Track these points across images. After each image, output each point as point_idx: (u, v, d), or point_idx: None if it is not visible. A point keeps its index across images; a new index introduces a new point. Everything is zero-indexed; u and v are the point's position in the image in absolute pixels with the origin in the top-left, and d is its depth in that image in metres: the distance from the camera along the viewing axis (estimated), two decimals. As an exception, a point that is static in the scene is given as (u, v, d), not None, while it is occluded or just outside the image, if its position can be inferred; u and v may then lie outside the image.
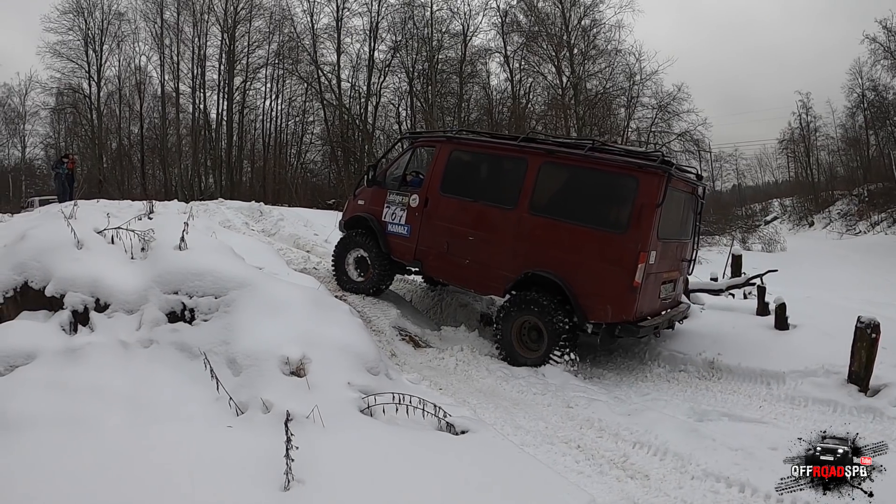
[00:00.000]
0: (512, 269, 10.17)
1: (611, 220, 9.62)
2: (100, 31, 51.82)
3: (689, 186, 10.75)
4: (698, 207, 11.18)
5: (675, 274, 10.68)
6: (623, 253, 9.23)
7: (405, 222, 11.54)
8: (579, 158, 9.88)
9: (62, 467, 5.16)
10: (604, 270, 9.42)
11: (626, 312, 9.28)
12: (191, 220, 8.66)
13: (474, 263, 10.66)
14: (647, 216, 9.14)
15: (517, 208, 10.19)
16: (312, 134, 54.40)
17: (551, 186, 10.32)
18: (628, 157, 9.73)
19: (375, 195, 12.13)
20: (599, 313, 9.47)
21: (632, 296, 9.18)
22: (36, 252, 7.83)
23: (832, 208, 58.54)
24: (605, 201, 9.82)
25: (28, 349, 6.78)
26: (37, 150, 56.72)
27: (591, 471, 6.37)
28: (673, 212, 9.99)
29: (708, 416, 7.79)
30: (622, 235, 9.29)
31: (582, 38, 46.25)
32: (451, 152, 11.28)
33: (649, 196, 9.16)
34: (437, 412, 6.46)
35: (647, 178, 9.24)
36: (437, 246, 11.12)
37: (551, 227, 9.91)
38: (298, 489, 4.90)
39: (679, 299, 11.21)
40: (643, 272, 9.14)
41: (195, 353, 6.86)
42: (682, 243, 10.84)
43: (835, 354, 8.91)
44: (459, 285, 11.77)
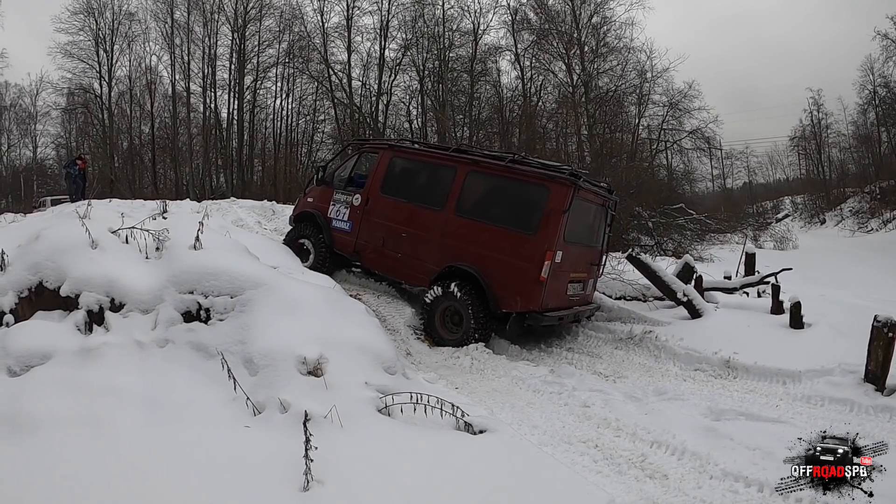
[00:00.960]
0: (437, 262, 11.32)
1: (524, 222, 10.74)
2: (110, 32, 51.89)
3: (599, 199, 12.03)
4: (608, 218, 12.55)
5: (584, 276, 11.88)
6: (532, 251, 10.44)
7: (348, 219, 12.73)
8: (501, 168, 11.14)
9: (78, 468, 5.16)
10: (515, 266, 10.55)
11: (534, 303, 10.45)
12: (205, 220, 8.65)
13: (406, 257, 11.82)
14: (555, 220, 10.39)
15: (444, 209, 11.43)
16: (323, 133, 54.37)
17: (475, 192, 11.52)
18: (542, 170, 10.94)
19: (323, 193, 13.31)
20: (510, 303, 10.64)
21: (538, 289, 10.38)
22: (50, 252, 7.83)
23: (844, 206, 58.26)
24: (520, 206, 10.94)
25: (43, 349, 6.78)
26: (48, 150, 56.93)
27: (610, 470, 6.33)
28: (581, 219, 11.32)
29: (725, 415, 7.73)
30: (532, 236, 10.51)
31: (592, 36, 46.23)
32: (391, 158, 12.58)
33: (557, 203, 10.41)
34: (455, 412, 6.44)
35: (556, 187, 10.51)
36: (375, 241, 12.29)
37: (473, 227, 11.10)
38: (318, 490, 4.88)
39: (589, 299, 12.39)
40: (549, 269, 10.32)
41: (211, 353, 6.86)
42: (592, 249, 12.08)
43: (850, 353, 8.88)
44: (392, 276, 12.52)
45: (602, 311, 12.65)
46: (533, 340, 11.38)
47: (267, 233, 17.81)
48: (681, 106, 44.55)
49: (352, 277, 13.29)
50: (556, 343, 11.32)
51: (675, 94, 44.81)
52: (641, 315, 12.30)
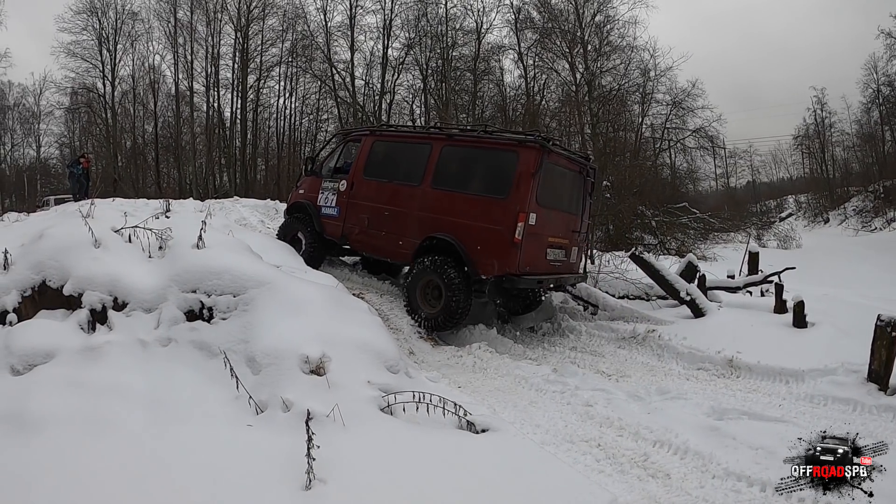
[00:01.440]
0: (418, 235, 11.56)
1: (496, 188, 11.00)
2: (114, 31, 51.95)
3: (575, 165, 12.17)
4: (587, 186, 12.55)
5: (565, 242, 11.93)
6: (505, 214, 10.65)
7: (335, 205, 13.06)
8: (473, 140, 11.63)
9: (82, 467, 5.18)
10: (490, 231, 10.75)
11: (510, 266, 10.59)
12: (208, 219, 8.66)
13: (389, 234, 12.08)
14: (525, 183, 10.60)
15: (422, 184, 11.74)
16: (326, 132, 54.04)
17: (450, 164, 11.71)
18: (511, 136, 11.49)
19: (312, 184, 13.70)
20: (488, 268, 10.74)
21: (514, 251, 10.55)
22: (54, 251, 7.85)
23: (848, 205, 58.14)
24: (492, 173, 11.22)
25: (47, 348, 6.80)
26: (52, 150, 57.04)
27: (612, 470, 6.30)
28: (556, 184, 11.50)
29: (728, 414, 7.69)
30: (505, 200, 10.74)
31: (596, 35, 46.17)
32: (373, 143, 12.92)
33: (527, 166, 10.64)
34: (458, 411, 6.43)
35: (525, 151, 10.78)
36: (360, 223, 12.57)
37: (449, 197, 11.40)
38: (320, 488, 4.89)
39: (575, 269, 12.53)
40: (523, 230, 10.50)
41: (214, 352, 6.87)
42: (570, 215, 12.12)
43: (854, 353, 8.82)
44: (378, 255, 12.84)
45: (605, 310, 12.63)
46: (536, 340, 11.40)
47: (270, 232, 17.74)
48: (684, 104, 44.59)
49: (354, 276, 13.32)
50: (559, 342, 11.30)
51: (678, 93, 44.86)
52: (644, 314, 12.28)
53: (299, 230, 13.53)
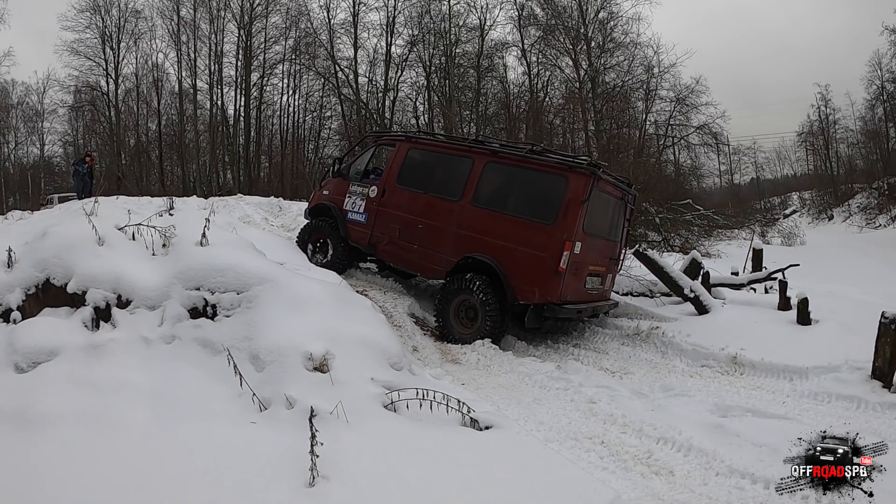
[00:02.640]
0: (454, 253, 11.21)
1: (542, 212, 10.65)
2: (117, 29, 51.82)
3: (619, 191, 11.89)
4: (627, 212, 12.36)
5: (602, 269, 11.68)
6: (551, 241, 10.33)
7: (363, 211, 12.59)
8: (519, 159, 11.16)
9: (86, 464, 5.18)
10: (533, 256, 10.43)
11: (551, 295, 10.33)
12: (211, 216, 8.66)
13: (422, 249, 11.70)
14: (574, 210, 10.27)
15: (461, 200, 11.33)
16: (330, 129, 54.36)
17: (493, 182, 11.42)
18: (561, 160, 10.93)
19: (339, 186, 13.20)
20: (528, 294, 10.48)
21: (556, 280, 10.26)
22: (57, 249, 7.84)
23: (852, 201, 58.07)
24: (538, 196, 10.87)
25: (51, 346, 6.80)
26: (55, 148, 56.90)
27: (616, 467, 6.31)
28: (600, 211, 11.15)
29: (732, 411, 7.71)
30: (551, 226, 10.40)
31: (599, 31, 46.05)
32: (408, 150, 12.46)
33: (576, 193, 10.30)
34: (461, 408, 6.42)
35: (575, 177, 10.42)
36: (390, 233, 12.17)
37: (490, 217, 11.03)
38: (324, 485, 4.89)
39: (607, 295, 12.28)
40: (568, 259, 10.19)
41: (218, 349, 6.86)
42: (610, 242, 11.89)
43: (858, 350, 8.83)
44: (407, 269, 12.49)
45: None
46: (539, 337, 11.38)
47: (274, 229, 17.79)
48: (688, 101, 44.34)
49: (357, 273, 13.28)
50: (562, 339, 11.31)
51: (682, 90, 44.61)
52: (648, 311, 12.32)
53: (324, 234, 13.11)
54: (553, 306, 10.37)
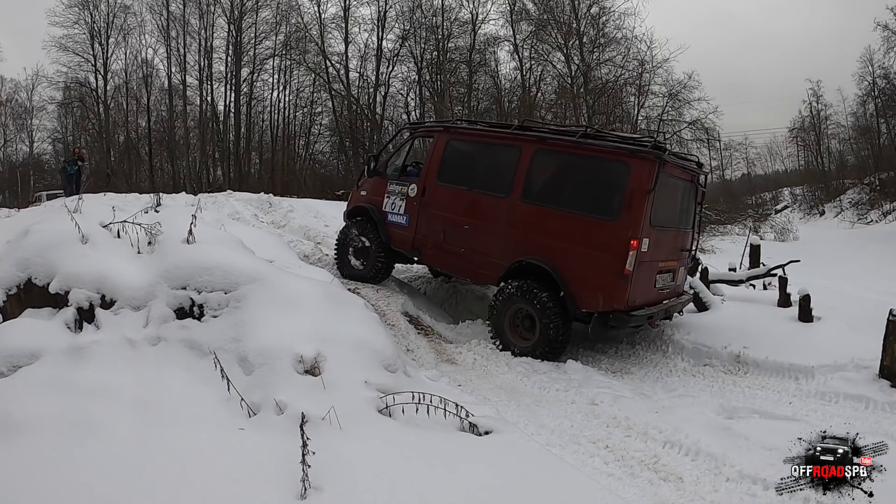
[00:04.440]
0: (505, 256, 10.15)
1: (602, 206, 9.46)
2: (106, 25, 51.68)
3: (687, 174, 10.60)
4: (698, 196, 11.06)
5: (674, 263, 10.46)
6: (614, 240, 9.13)
7: (404, 212, 11.60)
8: (571, 145, 9.85)
9: (68, 473, 4.99)
10: (594, 258, 9.30)
11: (618, 301, 9.16)
12: (199, 213, 8.45)
13: (469, 252, 10.68)
14: (639, 202, 9.03)
15: (510, 196, 10.20)
16: (321, 125, 54.29)
17: (543, 173, 10.30)
18: (620, 143, 9.64)
19: (376, 185, 12.21)
20: (591, 301, 9.40)
21: (623, 284, 9.06)
22: (40, 248, 7.67)
23: (843, 197, 58.22)
24: (596, 188, 9.71)
25: (32, 348, 6.60)
26: (45, 146, 56.90)
27: (622, 473, 6.14)
28: (669, 199, 9.86)
29: (738, 413, 7.53)
30: (613, 222, 9.20)
31: (591, 26, 46.01)
32: (447, 142, 11.35)
33: (640, 182, 9.05)
34: (459, 412, 6.23)
35: (638, 163, 9.14)
36: (434, 235, 11.18)
37: (543, 214, 9.89)
38: (316, 497, 4.69)
39: (680, 290, 10.98)
40: (635, 260, 8.99)
41: (205, 351, 6.70)
42: (680, 232, 10.61)
43: (862, 348, 8.68)
44: (456, 274, 11.73)
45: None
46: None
47: (264, 226, 17.60)
48: (680, 97, 44.34)
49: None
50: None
51: (674, 85, 44.60)
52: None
53: (364, 238, 12.14)
54: (620, 315, 9.22)
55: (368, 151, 46.67)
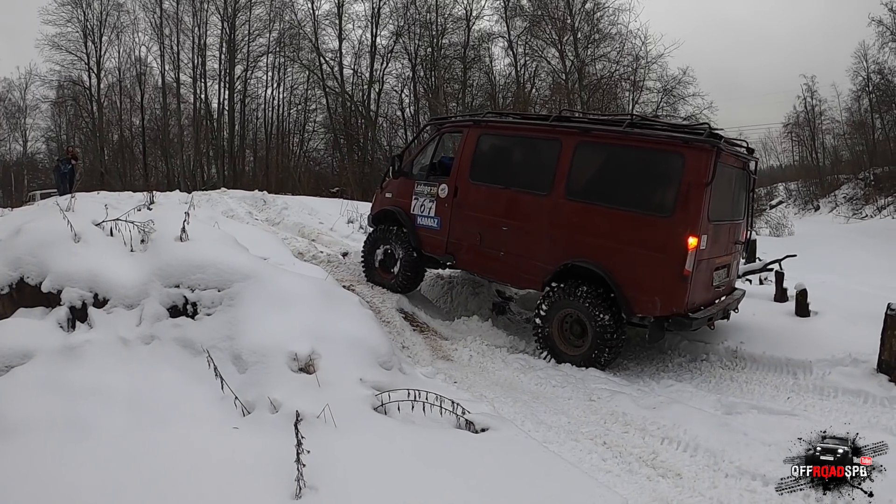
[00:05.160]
0: (550, 259, 9.46)
1: (655, 202, 8.83)
2: (99, 23, 51.54)
3: (739, 161, 9.82)
4: (750, 183, 10.34)
5: (728, 259, 9.85)
6: (670, 239, 8.44)
7: (434, 214, 10.91)
8: (618, 136, 9.12)
9: (61, 474, 4.98)
10: (649, 259, 8.62)
11: (677, 304, 8.51)
12: (192, 210, 8.42)
13: (510, 255, 9.99)
14: (696, 197, 8.34)
15: (552, 194, 9.49)
16: (315, 122, 54.13)
17: (588, 168, 9.58)
18: (672, 132, 8.98)
19: (403, 187, 11.48)
20: (646, 306, 8.74)
21: (682, 286, 8.41)
22: (32, 246, 7.64)
23: (838, 192, 58.37)
24: (648, 182, 9.02)
25: (24, 348, 6.60)
26: (38, 144, 56.66)
27: (620, 469, 6.10)
28: (724, 190, 9.09)
29: (736, 408, 7.49)
30: (669, 219, 8.50)
31: (586, 22, 45.89)
32: (478, 137, 10.61)
33: (697, 174, 8.36)
34: (455, 409, 6.21)
35: (693, 154, 8.44)
36: (470, 238, 10.46)
37: (590, 212, 9.19)
38: (311, 497, 4.67)
39: (733, 285, 10.46)
40: (694, 259, 8.33)
41: (198, 350, 6.67)
42: (734, 224, 9.93)
43: (860, 342, 8.63)
44: (495, 279, 11.16)
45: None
46: (531, 332, 11.01)
47: (258, 223, 17.57)
48: (675, 92, 44.26)
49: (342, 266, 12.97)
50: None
51: (669, 81, 44.54)
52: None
53: (391, 244, 11.51)
54: (681, 319, 8.59)
55: (363, 149, 46.70)
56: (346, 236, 16.88)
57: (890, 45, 50.08)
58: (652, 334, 8.93)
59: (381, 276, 11.72)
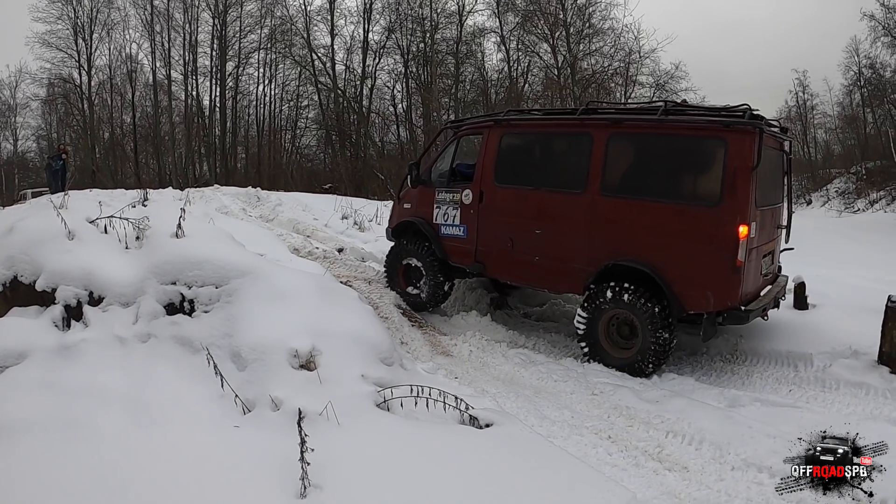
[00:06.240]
0: (590, 261, 8.99)
1: (700, 192, 8.48)
2: (89, 20, 51.20)
3: (776, 142, 9.38)
4: (786, 164, 9.97)
5: (773, 245, 9.51)
6: (719, 229, 8.05)
7: (460, 222, 10.40)
8: (653, 125, 8.72)
9: (58, 476, 4.90)
10: (699, 252, 8.23)
11: (731, 297, 8.13)
12: (187, 207, 8.35)
13: (545, 259, 9.51)
14: (743, 183, 7.93)
15: (587, 191, 9.03)
16: (307, 118, 53.93)
17: (624, 161, 9.13)
18: (710, 116, 8.51)
19: (422, 196, 10.97)
20: (699, 302, 8.31)
21: (735, 278, 8.03)
22: (25, 245, 7.61)
23: (830, 186, 58.36)
24: (690, 171, 8.65)
25: (19, 348, 6.56)
26: (29, 143, 56.38)
27: (626, 463, 6.05)
28: (766, 174, 8.62)
29: (739, 401, 7.45)
30: (716, 209, 8.08)
31: (578, 17, 45.86)
32: (501, 137, 10.10)
33: (742, 159, 7.94)
34: (459, 404, 6.15)
35: (736, 137, 8.02)
36: (500, 244, 9.96)
37: (631, 208, 8.74)
38: (316, 496, 4.60)
39: (777, 272, 10.11)
40: (745, 249, 7.96)
41: (196, 348, 6.62)
42: (776, 208, 9.56)
43: (860, 335, 8.60)
44: (531, 286, 10.68)
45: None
46: (530, 326, 11.00)
47: (252, 219, 17.49)
48: (668, 87, 44.27)
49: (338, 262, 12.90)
50: (554, 328, 10.92)
51: (661, 76, 44.60)
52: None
53: (415, 257, 10.97)
54: (736, 312, 8.19)
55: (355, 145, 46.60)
56: (341, 232, 16.80)
57: (882, 40, 50.10)
58: (706, 331, 8.43)
59: (406, 292, 11.24)
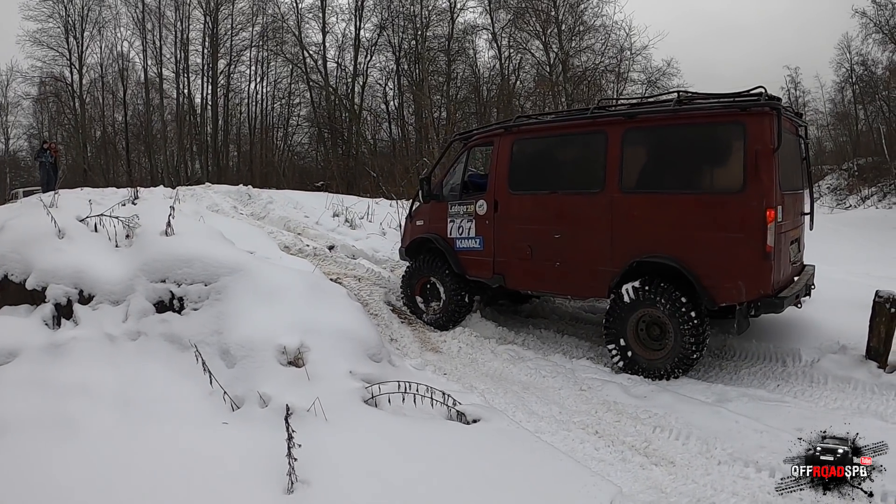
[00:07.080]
0: (614, 261, 8.75)
1: (723, 179, 8.21)
2: (80, 18, 51.18)
3: (793, 126, 9.19)
4: (804, 149, 9.78)
5: (798, 231, 9.31)
6: (747, 215, 7.78)
7: (475, 234, 10.21)
8: (668, 116, 8.52)
9: (50, 473, 4.94)
10: (727, 241, 7.94)
11: (763, 286, 7.86)
12: (177, 205, 8.37)
13: (567, 264, 9.28)
14: (766, 166, 7.68)
15: (606, 190, 8.82)
16: (299, 116, 53.85)
17: (641, 156, 8.90)
18: (726, 101, 8.31)
19: (435, 211, 10.79)
20: (730, 293, 8.00)
21: (766, 265, 7.76)
22: (15, 243, 7.63)
23: (822, 183, 58.38)
24: (710, 159, 8.39)
25: (9, 346, 6.59)
26: (20, 142, 56.17)
27: (613, 458, 6.07)
28: (786, 158, 8.43)
29: (726, 395, 7.47)
30: (741, 195, 7.82)
31: (570, 14, 45.85)
32: (512, 144, 9.93)
33: (763, 142, 7.71)
34: (447, 400, 6.19)
35: (755, 120, 7.80)
36: (519, 253, 9.74)
37: (652, 203, 8.53)
38: (303, 491, 4.62)
39: (803, 260, 9.86)
40: (774, 234, 7.72)
41: (185, 345, 6.66)
42: (798, 194, 9.39)
43: (848, 330, 8.61)
44: (553, 293, 10.44)
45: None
46: (520, 322, 11.02)
47: (243, 217, 17.48)
48: (659, 84, 44.32)
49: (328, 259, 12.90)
50: (543, 324, 10.93)
51: (653, 72, 44.65)
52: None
53: (431, 275, 10.70)
54: (770, 300, 7.92)
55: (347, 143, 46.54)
56: (332, 230, 16.78)
57: (874, 37, 50.23)
58: (740, 324, 8.07)
59: (426, 312, 10.89)
